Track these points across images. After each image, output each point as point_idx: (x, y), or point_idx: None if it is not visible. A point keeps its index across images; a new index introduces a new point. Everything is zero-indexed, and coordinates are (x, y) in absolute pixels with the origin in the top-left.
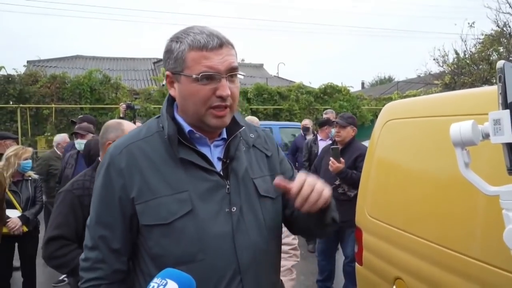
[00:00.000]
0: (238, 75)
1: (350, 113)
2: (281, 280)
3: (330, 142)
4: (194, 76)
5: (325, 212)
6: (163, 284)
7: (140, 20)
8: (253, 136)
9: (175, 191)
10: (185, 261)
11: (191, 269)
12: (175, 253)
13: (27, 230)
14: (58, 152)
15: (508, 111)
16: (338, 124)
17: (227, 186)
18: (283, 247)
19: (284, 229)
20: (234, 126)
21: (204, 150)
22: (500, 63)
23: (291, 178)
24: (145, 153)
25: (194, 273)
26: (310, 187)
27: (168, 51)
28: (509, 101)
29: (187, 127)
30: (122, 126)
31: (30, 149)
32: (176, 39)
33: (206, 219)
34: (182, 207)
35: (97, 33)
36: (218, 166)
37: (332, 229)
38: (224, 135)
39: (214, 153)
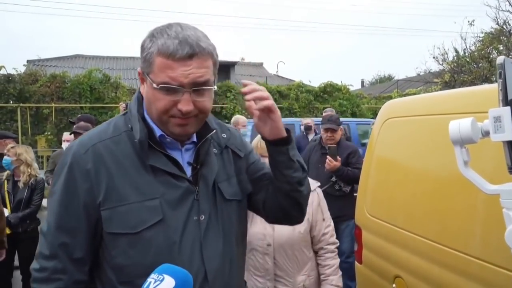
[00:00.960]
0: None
1: (334, 113)
2: (245, 281)
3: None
4: (154, 84)
5: (286, 144)
6: (160, 279)
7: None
8: (225, 136)
9: (145, 197)
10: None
11: None
12: (142, 263)
13: (9, 232)
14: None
15: (508, 108)
16: (330, 129)
17: (196, 193)
18: (330, 247)
19: (329, 229)
20: (204, 129)
21: (175, 154)
22: (500, 59)
23: (266, 175)
24: (113, 154)
25: None
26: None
27: (142, 47)
28: (509, 97)
29: (158, 131)
30: None
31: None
32: (151, 36)
33: (175, 228)
34: (152, 215)
35: (97, 33)
36: (188, 171)
37: (304, 181)
38: (194, 138)
39: (184, 157)
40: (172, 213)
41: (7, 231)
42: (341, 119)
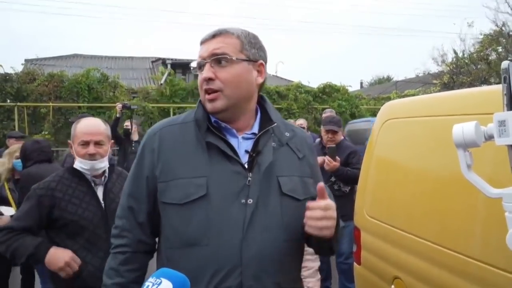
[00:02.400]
0: (234, 61)
1: (335, 115)
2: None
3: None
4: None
5: (328, 242)
6: (158, 283)
7: (139, 19)
8: (288, 135)
9: (194, 175)
10: (190, 244)
11: (192, 253)
12: (183, 234)
13: None
14: None
15: None
16: (331, 131)
17: (249, 179)
18: (309, 249)
19: None
20: (267, 121)
21: (232, 140)
22: (504, 64)
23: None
24: (175, 136)
25: (195, 257)
26: (325, 209)
27: None
28: None
29: (213, 118)
30: (76, 124)
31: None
32: None
33: (218, 206)
34: (197, 190)
35: (95, 32)
36: (244, 159)
37: (326, 255)
38: (255, 130)
39: (241, 145)
40: (217, 192)
41: None
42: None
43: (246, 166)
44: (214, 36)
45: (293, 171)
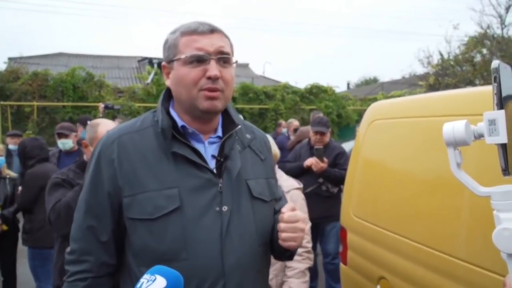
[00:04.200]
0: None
1: (323, 115)
2: (269, 286)
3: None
4: (183, 57)
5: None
6: (152, 279)
7: (124, 18)
8: (249, 137)
9: (164, 186)
10: (167, 259)
11: (173, 268)
12: (158, 250)
13: (7, 228)
14: None
15: (503, 111)
16: (320, 132)
17: (220, 185)
18: (299, 250)
19: None
20: (229, 124)
21: (198, 146)
22: (495, 63)
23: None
24: (137, 145)
25: None
26: (296, 219)
27: (165, 43)
28: (504, 101)
29: (180, 122)
30: (96, 127)
31: (1, 146)
32: (173, 31)
33: (193, 217)
34: (169, 203)
35: (81, 30)
36: (212, 164)
37: (283, 259)
38: (220, 133)
39: (208, 150)
40: (191, 202)
41: (4, 227)
42: None
43: (215, 172)
44: (212, 31)
45: (258, 174)
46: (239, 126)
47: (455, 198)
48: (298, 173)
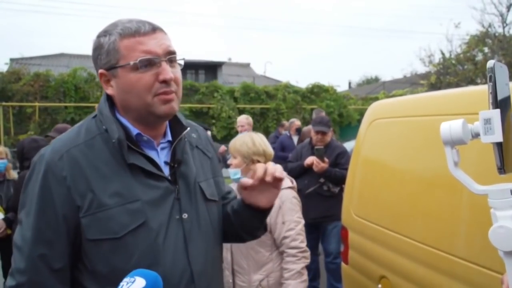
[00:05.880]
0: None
1: (324, 115)
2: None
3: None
4: (131, 63)
5: (266, 213)
6: (132, 281)
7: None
8: (195, 136)
9: (126, 200)
10: None
11: None
12: (125, 269)
13: (10, 232)
14: None
15: (498, 110)
16: (321, 132)
17: (176, 191)
18: (291, 251)
19: (290, 233)
20: (178, 127)
21: (152, 154)
22: (490, 63)
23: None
24: (89, 159)
25: None
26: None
27: (97, 48)
28: (499, 100)
29: (134, 130)
30: None
31: (3, 149)
32: (104, 33)
33: (158, 229)
34: (134, 218)
35: (82, 31)
36: (166, 171)
37: (260, 233)
38: (169, 137)
39: (160, 157)
40: (154, 215)
41: (8, 231)
42: None
43: (170, 178)
44: (154, 29)
45: (207, 174)
46: (188, 129)
47: (456, 197)
48: (299, 172)
